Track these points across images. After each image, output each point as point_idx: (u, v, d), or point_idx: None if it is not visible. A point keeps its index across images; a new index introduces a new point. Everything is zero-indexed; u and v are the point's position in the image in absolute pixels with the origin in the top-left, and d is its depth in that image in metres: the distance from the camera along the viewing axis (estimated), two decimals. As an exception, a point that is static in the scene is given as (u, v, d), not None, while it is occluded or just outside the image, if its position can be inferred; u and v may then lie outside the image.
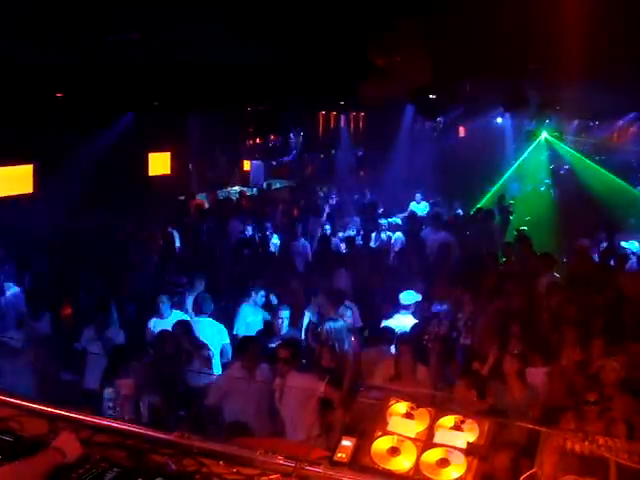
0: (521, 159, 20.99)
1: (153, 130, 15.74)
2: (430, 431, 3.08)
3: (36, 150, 13.14)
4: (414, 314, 8.79)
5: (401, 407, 3.18)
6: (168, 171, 17.34)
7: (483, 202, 18.03)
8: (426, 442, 3.04)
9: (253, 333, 8.31)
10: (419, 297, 9.05)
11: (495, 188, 19.27)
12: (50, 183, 13.12)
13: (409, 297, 8.94)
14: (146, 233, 12.74)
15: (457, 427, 3.09)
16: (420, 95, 15.76)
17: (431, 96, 16.10)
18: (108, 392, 3.71)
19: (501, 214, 15.37)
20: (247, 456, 3.07)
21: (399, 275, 10.56)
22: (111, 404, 3.53)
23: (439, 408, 3.20)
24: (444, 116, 19.42)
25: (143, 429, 3.31)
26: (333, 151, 22.41)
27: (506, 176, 20.29)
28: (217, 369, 7.79)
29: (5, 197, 12.84)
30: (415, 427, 3.10)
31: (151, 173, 16.84)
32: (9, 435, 3.19)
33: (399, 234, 13.59)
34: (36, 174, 13.58)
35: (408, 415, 3.14)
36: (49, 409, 3.50)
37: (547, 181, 20.08)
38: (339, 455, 2.97)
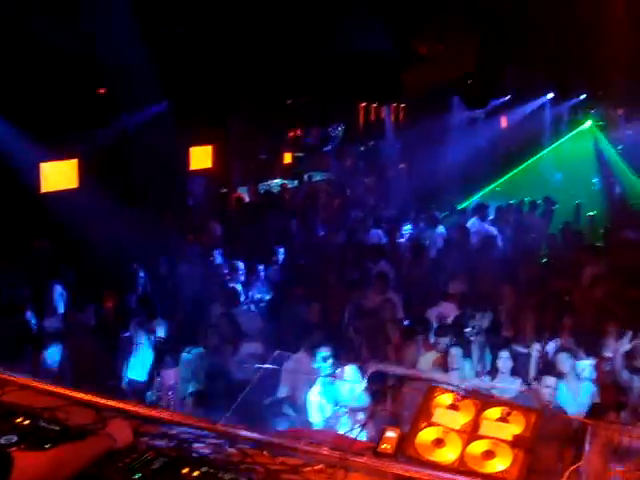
0: (562, 148, 20.63)
1: (194, 124, 15.83)
2: (475, 423, 3.06)
3: (80, 145, 13.31)
4: (457, 305, 8.72)
5: (446, 398, 3.16)
6: (210, 164, 17.42)
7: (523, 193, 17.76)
8: (471, 434, 3.02)
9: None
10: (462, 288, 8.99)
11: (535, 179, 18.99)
12: (94, 178, 13.30)
13: (454, 288, 8.90)
14: (188, 225, 12.85)
15: (503, 419, 3.06)
16: (464, 84, 15.56)
17: (475, 85, 15.92)
18: (154, 382, 3.74)
19: (545, 205, 15.15)
20: (291, 446, 3.08)
21: (443, 266, 10.49)
22: (156, 394, 3.57)
23: (485, 399, 3.17)
24: (487, 106, 19.18)
25: (188, 419, 3.34)
26: (373, 143, 22.29)
27: (547, 166, 19.99)
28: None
29: (51, 192, 13.04)
30: (460, 418, 3.07)
31: (192, 167, 16.95)
32: (56, 425, 3.24)
33: (441, 228, 13.51)
34: (80, 169, 13.76)
35: (453, 406, 3.12)
36: (96, 399, 3.55)
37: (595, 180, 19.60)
38: (383, 446, 2.96)
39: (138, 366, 7.59)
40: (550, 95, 19.05)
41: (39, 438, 3.11)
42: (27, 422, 3.27)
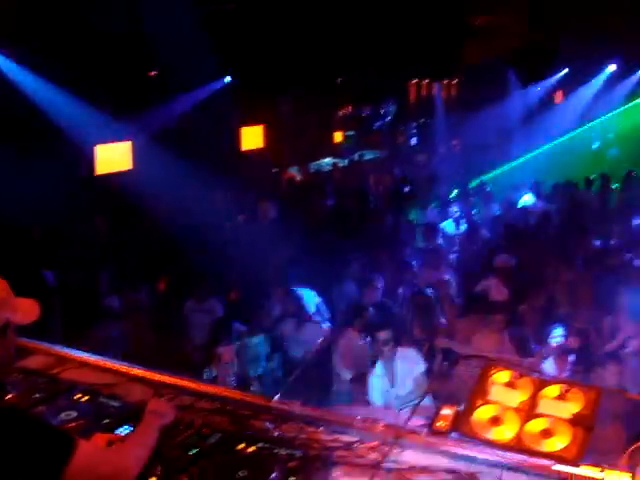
0: (617, 122, 20.06)
1: (246, 104, 15.87)
2: (533, 401, 3.00)
3: (134, 128, 13.48)
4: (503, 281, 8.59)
5: (503, 376, 3.10)
6: (261, 144, 17.47)
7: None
8: (529, 412, 2.96)
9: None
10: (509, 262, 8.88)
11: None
12: (147, 159, 13.45)
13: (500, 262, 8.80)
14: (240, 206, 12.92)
15: (562, 397, 3.00)
16: (519, 57, 15.15)
17: (530, 58, 15.46)
18: (210, 360, 3.80)
19: (601, 181, 14.81)
20: (346, 423, 3.08)
21: (497, 244, 10.37)
22: (212, 371, 3.62)
23: (542, 377, 3.11)
24: (542, 81, 18.72)
25: (244, 395, 3.36)
26: (426, 120, 22.03)
27: (602, 142, 19.51)
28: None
29: (106, 174, 13.25)
30: (518, 396, 3.02)
31: (244, 147, 17.01)
32: (116, 401, 3.30)
33: (495, 205, 13.35)
34: (134, 151, 13.94)
35: (510, 384, 3.07)
36: (153, 376, 3.61)
37: None
38: (439, 423, 2.93)
39: (193, 343, 7.70)
40: (612, 67, 18.44)
41: (98, 414, 3.18)
42: (86, 398, 3.34)
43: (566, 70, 18.41)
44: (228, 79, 15.09)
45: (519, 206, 13.27)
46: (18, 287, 2.55)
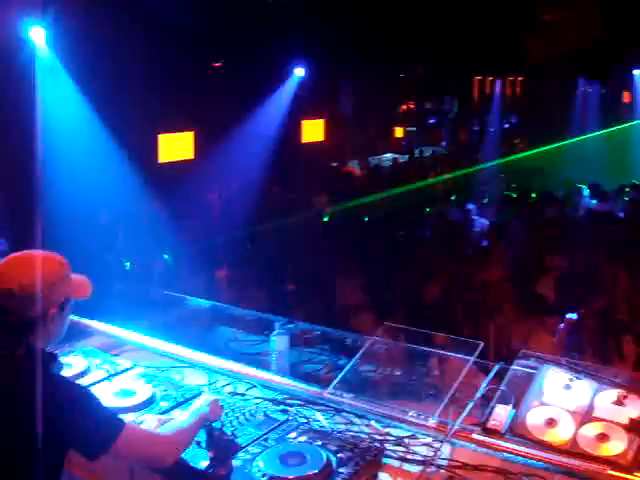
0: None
1: (307, 97, 15.92)
2: (590, 404, 2.96)
3: (197, 118, 13.66)
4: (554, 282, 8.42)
5: (560, 378, 3.06)
6: (322, 138, 17.51)
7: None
8: (585, 415, 2.92)
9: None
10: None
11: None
12: (209, 150, 13.62)
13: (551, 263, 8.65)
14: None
15: (619, 402, 2.95)
16: (587, 54, 14.69)
17: (597, 55, 14.98)
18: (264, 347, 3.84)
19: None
20: (398, 417, 3.07)
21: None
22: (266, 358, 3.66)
23: (600, 381, 3.05)
24: (610, 79, 18.24)
25: (296, 385, 3.38)
26: (488, 117, 21.76)
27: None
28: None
29: (169, 162, 13.46)
30: (574, 399, 2.98)
31: (304, 140, 17.08)
32: (171, 384, 3.36)
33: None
34: (196, 141, 14.13)
35: (567, 387, 3.03)
36: (208, 361, 3.66)
37: None
38: (493, 422, 2.91)
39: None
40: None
41: (153, 396, 3.24)
42: (142, 380, 3.40)
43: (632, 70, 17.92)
44: (301, 73, 15.14)
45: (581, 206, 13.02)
46: (80, 269, 2.64)
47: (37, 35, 10.38)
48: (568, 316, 6.88)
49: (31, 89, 9.93)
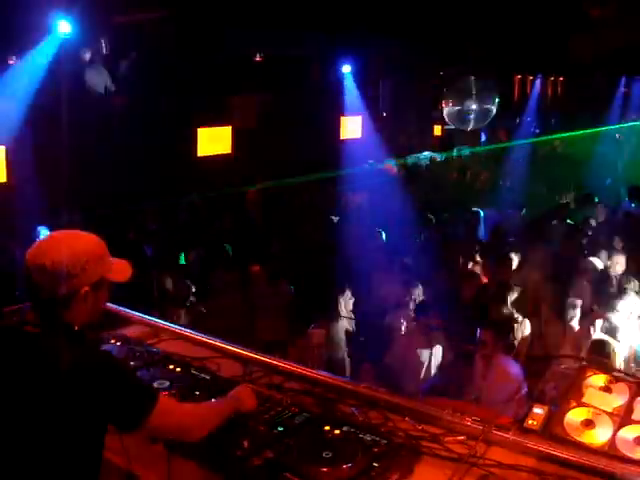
0: None
1: (344, 94, 15.92)
2: (629, 406, 2.91)
3: (234, 112, 13.73)
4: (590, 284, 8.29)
5: (599, 379, 3.03)
6: (359, 135, 17.48)
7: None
8: (624, 417, 2.88)
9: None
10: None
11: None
12: (245, 144, 13.68)
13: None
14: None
15: (659, 405, 2.90)
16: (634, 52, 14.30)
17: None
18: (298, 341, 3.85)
19: None
20: (434, 414, 3.05)
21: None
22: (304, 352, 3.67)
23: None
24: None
25: (332, 378, 3.38)
26: (527, 118, 21.49)
27: None
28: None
29: (207, 156, 13.56)
30: (613, 401, 2.94)
31: (342, 136, 17.06)
32: (207, 374, 3.39)
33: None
34: (234, 135, 14.20)
35: (606, 388, 2.99)
36: (244, 352, 3.68)
37: None
38: (530, 422, 2.87)
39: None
40: None
41: (190, 386, 3.27)
42: (179, 369, 3.43)
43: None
44: (348, 70, 15.06)
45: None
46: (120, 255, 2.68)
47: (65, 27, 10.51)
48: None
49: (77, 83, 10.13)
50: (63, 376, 2.32)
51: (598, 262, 8.87)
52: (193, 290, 7.83)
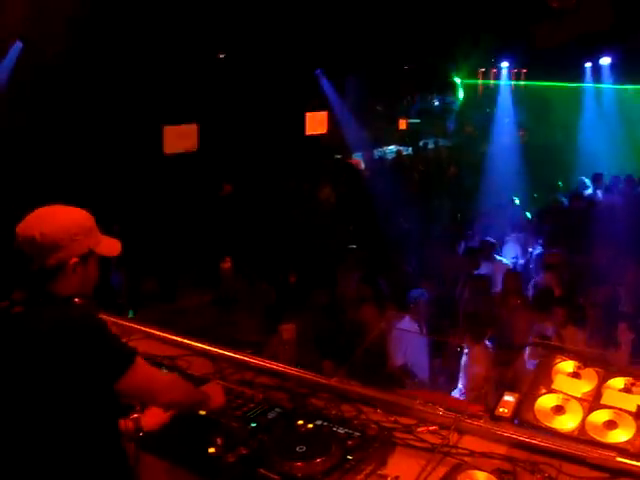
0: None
1: (309, 89, 15.87)
2: (597, 392, 2.96)
3: (200, 110, 13.61)
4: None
5: (567, 366, 3.07)
6: (324, 130, 17.43)
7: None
8: (593, 403, 2.92)
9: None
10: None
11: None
12: (212, 142, 13.57)
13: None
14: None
15: (627, 389, 2.95)
16: (596, 45, 14.31)
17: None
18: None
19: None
20: (406, 405, 3.07)
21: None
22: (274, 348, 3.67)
23: (608, 369, 3.05)
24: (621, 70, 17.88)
25: (303, 373, 3.38)
26: (493, 110, 21.65)
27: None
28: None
29: (172, 154, 13.43)
30: (582, 387, 2.98)
31: (308, 132, 17.00)
32: (178, 372, 3.36)
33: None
34: (200, 133, 14.07)
35: (575, 374, 3.03)
36: (213, 349, 3.66)
37: None
38: (501, 410, 2.91)
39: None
40: None
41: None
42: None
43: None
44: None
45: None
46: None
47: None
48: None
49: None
50: (44, 337, 2.35)
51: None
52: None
